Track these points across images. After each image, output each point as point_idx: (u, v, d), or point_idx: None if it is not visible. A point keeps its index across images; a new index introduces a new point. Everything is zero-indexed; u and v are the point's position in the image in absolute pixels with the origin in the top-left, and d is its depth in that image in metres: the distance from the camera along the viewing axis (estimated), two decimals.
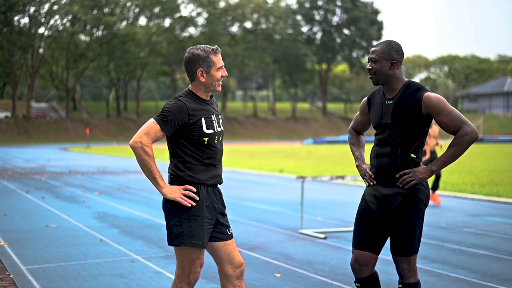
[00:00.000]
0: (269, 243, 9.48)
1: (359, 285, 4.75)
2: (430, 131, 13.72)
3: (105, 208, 13.61)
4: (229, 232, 4.62)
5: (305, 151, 45.42)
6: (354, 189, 17.67)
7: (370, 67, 4.61)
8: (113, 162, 32.85)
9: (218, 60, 4.48)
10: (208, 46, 4.49)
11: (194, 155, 4.42)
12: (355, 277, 4.76)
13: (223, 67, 4.52)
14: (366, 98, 4.90)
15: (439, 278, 7.14)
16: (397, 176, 4.56)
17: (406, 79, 4.63)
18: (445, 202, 14.64)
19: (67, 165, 29.80)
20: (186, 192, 4.37)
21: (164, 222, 11.16)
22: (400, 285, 4.65)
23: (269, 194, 16.51)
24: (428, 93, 4.48)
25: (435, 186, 14.22)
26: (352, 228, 10.37)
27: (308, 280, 7.05)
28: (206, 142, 4.42)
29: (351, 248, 8.87)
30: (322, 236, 9.89)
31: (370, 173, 4.74)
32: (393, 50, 4.57)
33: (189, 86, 4.54)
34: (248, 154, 40.20)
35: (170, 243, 4.48)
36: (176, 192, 4.37)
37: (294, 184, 18.70)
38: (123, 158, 36.80)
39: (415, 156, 4.57)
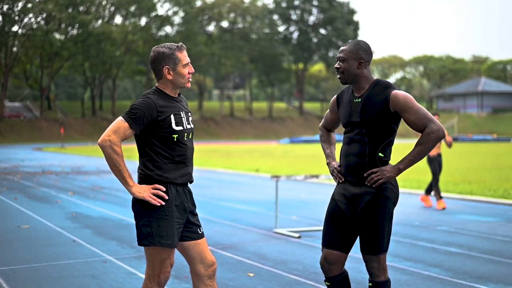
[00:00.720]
0: (243, 242, 9.46)
1: (329, 283, 4.75)
2: None
3: (79, 208, 13.52)
4: (200, 231, 4.59)
5: (282, 151, 45.46)
6: (329, 188, 17.70)
7: (338, 66, 4.63)
8: (88, 162, 32.65)
9: (184, 56, 4.47)
10: (173, 43, 4.48)
11: (164, 153, 4.40)
12: (325, 276, 4.77)
13: (189, 64, 4.51)
14: (335, 96, 4.92)
15: (411, 276, 7.17)
16: (365, 175, 4.57)
17: (374, 78, 4.65)
18: (419, 200, 14.71)
19: (41, 165, 29.55)
20: (155, 191, 4.34)
21: None
22: (370, 284, 4.66)
23: (245, 193, 16.49)
24: (395, 91, 4.49)
25: (430, 189, 13.88)
26: None
27: (281, 279, 7.04)
28: (175, 139, 4.40)
29: None
30: (297, 235, 9.89)
31: (339, 169, 4.76)
32: (361, 50, 4.58)
33: (156, 84, 4.52)
34: (225, 154, 40.16)
35: (139, 243, 4.45)
36: (145, 191, 4.34)
37: (269, 183, 18.70)
38: (98, 158, 36.55)
39: (383, 155, 4.57)
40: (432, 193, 14.05)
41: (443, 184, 17.75)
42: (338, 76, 4.65)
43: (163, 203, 4.34)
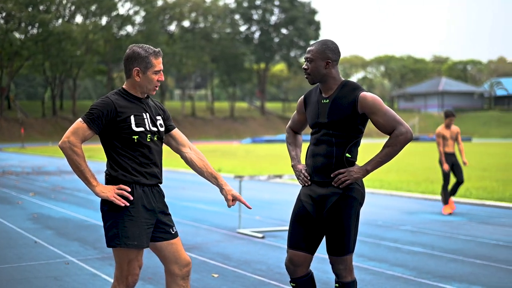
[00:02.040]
0: (207, 243, 9.44)
1: (294, 284, 4.75)
2: (446, 132, 12.91)
3: (40, 209, 13.36)
4: (173, 231, 4.57)
5: (244, 150, 45.47)
6: (292, 188, 17.76)
7: (305, 67, 4.62)
8: (48, 162, 32.30)
9: (158, 63, 4.41)
10: (152, 47, 4.43)
11: (127, 155, 4.36)
12: (290, 277, 4.76)
13: (161, 72, 4.45)
14: (302, 96, 4.90)
15: (375, 276, 7.21)
16: (332, 175, 4.56)
17: (343, 79, 4.64)
18: (382, 200, 14.83)
19: (0, 165, 29.15)
20: (120, 192, 4.30)
21: (101, 223, 10.95)
22: (337, 284, 4.66)
23: (207, 193, 16.44)
24: (364, 93, 4.49)
25: (454, 191, 13.02)
26: None
27: (245, 280, 7.03)
28: (136, 141, 4.36)
29: None
30: (260, 235, 9.89)
31: (305, 173, 4.73)
32: (328, 50, 4.57)
33: (124, 83, 4.48)
34: None
35: (107, 245, 4.41)
36: (109, 191, 4.30)
37: (232, 183, 18.65)
38: (59, 159, 36.18)
39: (350, 156, 4.57)
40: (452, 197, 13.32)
41: (405, 183, 17.91)
42: (305, 77, 4.63)
43: (128, 204, 4.30)
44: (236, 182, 18.20)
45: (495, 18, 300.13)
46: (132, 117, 4.35)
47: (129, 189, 4.34)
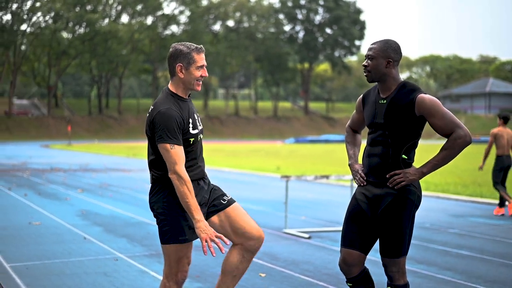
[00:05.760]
0: None
1: (350, 284, 4.72)
2: (504, 133, 12.73)
3: (88, 205, 13.52)
4: (226, 199, 4.71)
5: (287, 150, 45.42)
6: (338, 188, 17.69)
7: (366, 64, 4.57)
8: (95, 159, 32.67)
9: (200, 59, 4.44)
10: (193, 44, 4.47)
11: None
12: (346, 278, 4.73)
13: (204, 67, 4.47)
14: (361, 96, 4.86)
15: (425, 279, 7.13)
16: (387, 176, 4.52)
17: (402, 79, 4.59)
18: (428, 202, 14.68)
19: (49, 162, 29.59)
20: (217, 240, 4.28)
21: (148, 221, 11.07)
22: (389, 287, 4.62)
23: (252, 193, 16.47)
24: (422, 95, 4.43)
25: None
26: (336, 228, 10.40)
27: (293, 280, 7.02)
28: (191, 142, 4.41)
29: (335, 247, 8.89)
30: (307, 235, 9.87)
31: (361, 173, 4.70)
32: (390, 49, 4.52)
33: (169, 83, 4.50)
34: (230, 153, 40.13)
35: (161, 242, 4.47)
36: (209, 234, 4.28)
37: (275, 183, 18.69)
38: (105, 156, 36.61)
39: (406, 157, 4.51)
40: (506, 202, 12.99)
41: (452, 185, 17.71)
42: (365, 74, 4.59)
43: (214, 255, 4.29)
44: (279, 182, 18.19)
45: None
46: (190, 121, 4.40)
47: (227, 242, 4.41)
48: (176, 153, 4.27)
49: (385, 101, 4.55)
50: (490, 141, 12.88)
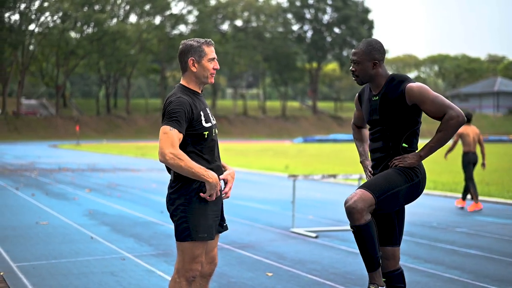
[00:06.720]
0: (261, 241, 9.43)
1: (385, 279, 4.78)
2: (469, 130, 13.51)
3: (96, 205, 13.54)
4: (223, 225, 4.71)
5: (295, 150, 45.40)
6: (345, 188, 17.66)
7: (353, 69, 4.67)
8: (103, 159, 32.73)
9: (211, 51, 4.47)
10: (202, 38, 4.50)
11: (195, 151, 4.40)
12: (382, 272, 4.77)
13: (215, 60, 4.50)
14: (357, 94, 4.99)
15: (432, 278, 7.11)
16: (389, 164, 4.64)
17: (390, 73, 4.67)
18: (436, 201, 14.64)
19: (57, 162, 29.66)
20: (217, 189, 4.37)
21: (155, 220, 11.07)
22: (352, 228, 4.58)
23: (260, 192, 16.46)
24: (410, 84, 4.51)
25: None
26: (344, 227, 10.38)
27: (300, 280, 7.00)
28: (206, 136, 4.40)
29: (343, 247, 8.88)
30: (314, 235, 9.85)
31: (370, 169, 4.83)
32: (374, 50, 4.61)
33: (181, 80, 4.51)
34: (238, 152, 40.14)
35: (178, 239, 4.44)
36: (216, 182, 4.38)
37: (283, 182, 18.67)
38: (113, 156, 36.68)
39: (407, 146, 4.63)
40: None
41: (460, 185, 17.65)
42: (354, 79, 4.70)
43: (213, 199, 4.37)
44: (287, 181, 18.19)
45: None
46: (202, 113, 4.39)
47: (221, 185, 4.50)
48: (174, 136, 4.24)
49: (377, 97, 4.66)
50: (455, 140, 13.60)
